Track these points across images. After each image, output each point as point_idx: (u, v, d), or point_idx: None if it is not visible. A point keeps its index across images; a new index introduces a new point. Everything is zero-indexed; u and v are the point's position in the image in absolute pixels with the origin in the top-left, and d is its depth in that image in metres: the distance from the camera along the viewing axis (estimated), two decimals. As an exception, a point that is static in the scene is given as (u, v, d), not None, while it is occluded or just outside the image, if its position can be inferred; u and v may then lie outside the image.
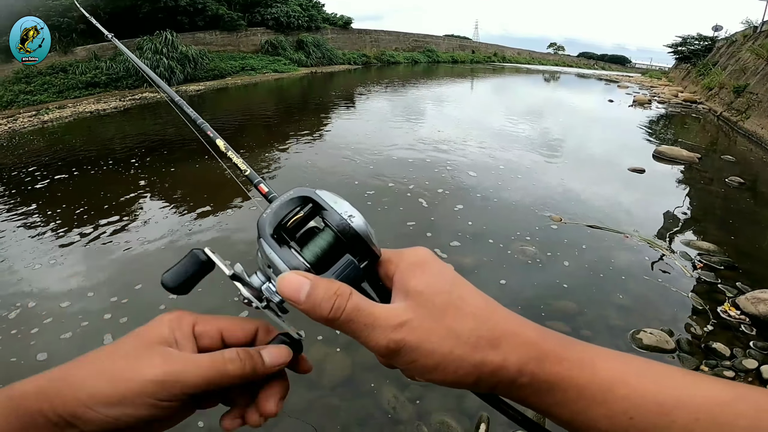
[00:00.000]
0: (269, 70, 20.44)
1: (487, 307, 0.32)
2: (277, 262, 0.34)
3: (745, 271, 3.61)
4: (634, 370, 0.29)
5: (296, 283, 0.32)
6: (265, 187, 0.46)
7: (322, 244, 0.35)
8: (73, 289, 3.17)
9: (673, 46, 29.05)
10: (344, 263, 0.34)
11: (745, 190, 6.05)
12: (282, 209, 0.36)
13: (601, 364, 0.30)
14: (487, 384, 0.31)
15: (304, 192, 0.37)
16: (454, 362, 0.30)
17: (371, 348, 0.31)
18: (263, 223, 0.35)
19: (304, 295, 0.31)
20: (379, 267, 0.36)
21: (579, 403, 0.29)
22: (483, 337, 0.30)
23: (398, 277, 0.34)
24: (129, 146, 7.48)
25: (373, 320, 0.31)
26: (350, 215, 0.35)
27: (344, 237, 0.35)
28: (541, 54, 67.08)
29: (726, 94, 13.95)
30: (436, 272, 0.34)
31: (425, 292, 0.32)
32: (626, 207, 5.21)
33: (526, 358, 0.30)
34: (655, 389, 0.27)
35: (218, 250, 0.38)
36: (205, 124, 0.56)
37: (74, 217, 4.39)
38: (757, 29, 16.99)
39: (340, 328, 0.32)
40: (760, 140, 9.39)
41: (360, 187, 5.24)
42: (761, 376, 2.45)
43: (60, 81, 13.42)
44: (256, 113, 11.83)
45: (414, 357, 0.30)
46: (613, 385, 0.28)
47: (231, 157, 0.52)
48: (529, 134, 9.23)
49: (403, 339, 0.30)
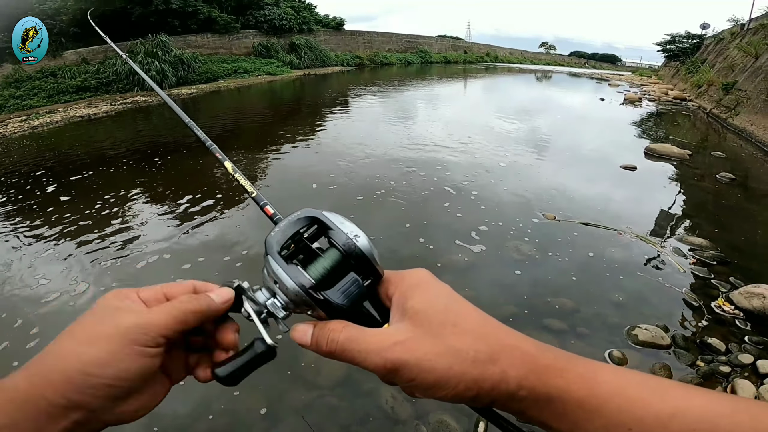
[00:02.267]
0: (262, 73, 20.39)
1: (485, 323, 0.33)
2: (283, 278, 0.35)
3: (738, 266, 3.65)
4: (632, 383, 0.30)
5: (302, 330, 0.36)
6: (270, 209, 0.47)
7: (328, 263, 0.37)
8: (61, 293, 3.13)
9: (662, 45, 29.37)
10: (349, 281, 0.36)
11: (736, 186, 6.12)
12: (290, 228, 0.38)
13: (600, 377, 0.30)
14: (486, 398, 0.31)
15: (311, 213, 0.39)
16: (453, 378, 0.31)
17: (371, 370, 0.33)
18: (271, 241, 0.37)
19: (308, 338, 0.36)
20: (380, 287, 0.38)
21: (578, 415, 0.29)
22: (481, 351, 0.31)
23: (397, 297, 0.36)
24: (121, 151, 7.41)
25: (365, 346, 0.33)
26: (356, 235, 0.37)
27: (349, 256, 0.36)
28: (533, 53, 67.53)
29: (715, 91, 14.11)
30: (434, 292, 0.35)
31: (423, 311, 0.33)
32: (619, 204, 5.25)
33: (525, 372, 0.31)
34: (653, 401, 0.28)
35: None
36: (213, 146, 0.59)
37: (67, 223, 4.34)
38: (745, 27, 17.22)
39: (341, 359, 0.34)
40: (749, 136, 9.51)
41: (353, 190, 5.24)
42: (758, 371, 2.44)
43: (50, 85, 13.30)
44: (249, 116, 11.78)
45: (413, 375, 0.31)
46: (612, 397, 0.29)
47: (238, 179, 0.54)
48: (522, 133, 9.28)
49: (399, 358, 0.31)
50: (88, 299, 3.09)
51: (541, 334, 2.76)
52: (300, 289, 0.35)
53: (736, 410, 0.27)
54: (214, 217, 4.47)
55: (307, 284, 0.35)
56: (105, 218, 4.44)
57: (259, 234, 4.05)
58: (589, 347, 2.66)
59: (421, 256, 3.66)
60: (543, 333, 2.77)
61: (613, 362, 2.52)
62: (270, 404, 2.20)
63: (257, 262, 2.82)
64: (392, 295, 0.36)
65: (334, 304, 0.35)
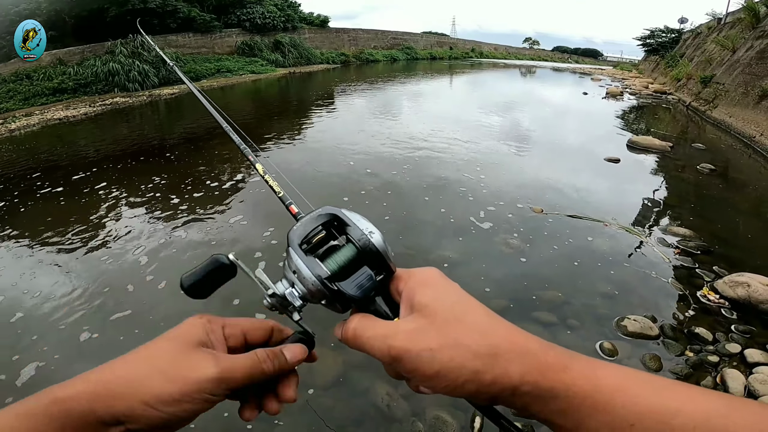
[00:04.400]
0: (246, 72, 20.10)
1: (490, 320, 0.34)
2: (302, 268, 0.38)
3: (721, 255, 3.74)
4: (634, 380, 0.30)
5: (339, 327, 0.38)
6: (295, 208, 0.51)
7: (344, 256, 0.39)
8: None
9: (642, 39, 29.88)
10: (362, 274, 0.38)
11: (717, 176, 6.28)
12: (310, 223, 0.41)
13: (603, 374, 0.31)
14: (488, 392, 0.32)
15: (331, 210, 0.42)
16: (454, 370, 0.31)
17: (376, 356, 0.34)
18: (293, 235, 0.40)
19: (339, 332, 0.38)
20: (391, 283, 0.40)
21: (582, 410, 0.30)
22: (484, 346, 0.32)
23: (406, 293, 0.37)
24: (105, 154, 7.23)
25: (373, 332, 0.35)
26: (370, 231, 0.39)
27: (364, 251, 0.39)
28: (517, 49, 68.07)
29: (694, 84, 14.43)
30: (442, 289, 0.36)
31: (429, 306, 0.35)
32: (604, 196, 5.34)
33: (528, 368, 0.31)
34: (656, 399, 0.28)
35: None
36: (247, 149, 0.64)
37: (49, 231, 4.22)
38: (721, 21, 17.64)
39: (354, 345, 0.36)
40: (728, 128, 9.75)
41: (341, 183, 5.21)
42: (746, 360, 2.48)
43: (25, 88, 12.89)
44: (232, 115, 11.61)
45: (416, 365, 0.32)
46: (615, 393, 0.29)
47: (267, 180, 0.57)
48: (508, 128, 9.35)
49: (404, 346, 0.33)
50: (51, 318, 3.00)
51: (531, 327, 2.78)
52: (317, 279, 0.37)
53: (736, 409, 0.27)
54: (201, 216, 4.39)
55: (323, 275, 0.37)
56: (89, 219, 4.33)
57: (249, 232, 4.00)
58: (580, 339, 2.70)
59: (410, 251, 3.65)
60: (533, 325, 2.80)
61: (604, 354, 2.56)
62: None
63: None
64: (402, 291, 0.38)
65: (347, 295, 0.37)
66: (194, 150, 7.29)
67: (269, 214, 4.30)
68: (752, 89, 9.46)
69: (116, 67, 14.61)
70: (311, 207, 0.44)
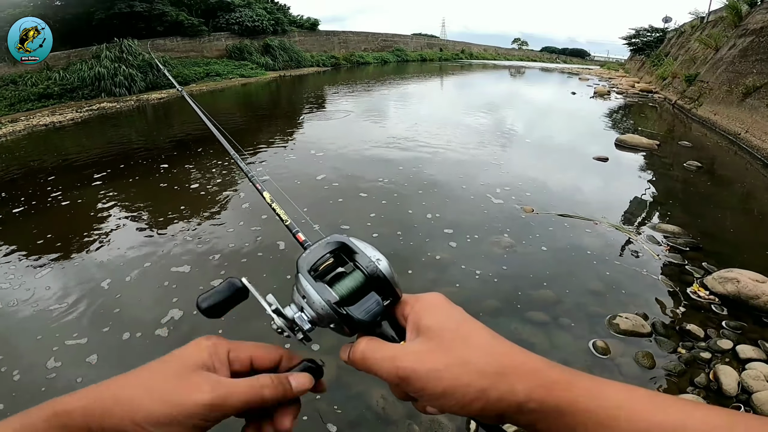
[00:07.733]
0: (235, 75, 19.96)
1: (495, 341, 0.35)
2: (311, 293, 0.39)
3: (710, 252, 3.79)
4: (638, 397, 0.31)
5: (345, 349, 0.40)
6: (302, 236, 0.52)
7: (353, 282, 0.41)
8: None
9: (628, 38, 30.33)
10: (370, 299, 0.40)
11: (703, 174, 6.37)
12: (319, 251, 0.42)
13: (606, 391, 0.32)
14: (494, 410, 0.32)
15: (339, 238, 0.43)
16: (461, 388, 0.32)
17: (384, 377, 0.36)
18: (302, 262, 0.41)
19: (341, 352, 0.40)
20: (397, 308, 0.41)
21: (587, 427, 0.30)
22: (491, 364, 0.33)
23: (412, 317, 0.38)
24: (91, 159, 7.13)
25: (381, 354, 0.36)
26: (378, 259, 0.41)
27: (371, 277, 0.41)
28: (506, 50, 68.68)
29: (679, 83, 14.67)
30: (447, 313, 0.38)
31: (435, 328, 0.36)
32: (593, 195, 5.39)
33: (533, 385, 0.32)
34: (660, 415, 0.29)
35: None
36: (254, 177, 0.65)
37: (43, 242, 4.14)
38: (704, 20, 17.96)
39: (362, 367, 0.38)
40: (713, 126, 9.91)
41: (332, 187, 5.19)
42: (738, 356, 2.49)
43: (10, 93, 12.67)
44: (222, 119, 11.53)
45: (423, 384, 0.33)
46: (620, 410, 0.30)
47: (275, 208, 0.58)
48: (498, 128, 9.41)
49: (411, 366, 0.34)
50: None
51: (524, 327, 2.79)
52: (326, 303, 0.39)
53: (733, 423, 0.28)
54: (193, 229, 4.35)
55: (332, 300, 0.39)
56: (81, 229, 4.26)
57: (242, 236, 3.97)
58: (573, 338, 2.71)
59: (405, 252, 3.65)
60: (526, 326, 2.81)
61: (597, 352, 2.57)
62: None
63: (234, 265, 2.67)
64: (408, 315, 0.39)
65: (355, 319, 0.39)
66: (185, 155, 7.21)
67: (262, 221, 4.27)
68: (736, 87, 9.63)
69: (102, 72, 14.43)
70: (321, 234, 0.46)
